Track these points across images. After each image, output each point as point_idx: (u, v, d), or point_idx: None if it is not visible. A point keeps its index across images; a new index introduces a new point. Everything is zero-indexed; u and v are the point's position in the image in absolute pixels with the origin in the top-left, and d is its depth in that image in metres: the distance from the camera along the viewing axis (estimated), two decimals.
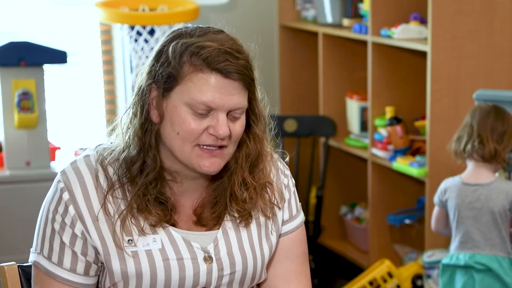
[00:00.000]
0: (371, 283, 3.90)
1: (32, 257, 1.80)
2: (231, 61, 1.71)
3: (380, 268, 3.90)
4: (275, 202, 1.87)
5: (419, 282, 3.88)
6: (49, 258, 1.77)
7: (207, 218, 1.82)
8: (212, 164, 1.75)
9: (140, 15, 4.14)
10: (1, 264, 1.92)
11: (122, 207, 1.76)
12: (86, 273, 1.77)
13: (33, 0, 4.57)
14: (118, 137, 1.81)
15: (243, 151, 1.82)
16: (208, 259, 1.79)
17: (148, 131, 1.75)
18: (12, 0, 4.55)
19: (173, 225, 1.79)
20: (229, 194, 1.81)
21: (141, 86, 1.76)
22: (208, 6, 4.49)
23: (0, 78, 3.96)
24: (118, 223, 1.75)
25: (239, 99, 1.73)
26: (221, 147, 1.74)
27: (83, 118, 4.73)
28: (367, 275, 3.93)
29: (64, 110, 4.67)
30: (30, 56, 3.95)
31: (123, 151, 1.78)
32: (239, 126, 1.76)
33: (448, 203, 3.15)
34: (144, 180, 1.75)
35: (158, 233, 1.77)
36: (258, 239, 1.85)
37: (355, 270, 4.32)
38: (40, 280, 1.80)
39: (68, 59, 4.04)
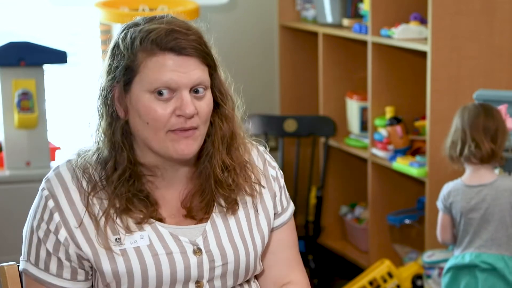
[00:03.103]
0: (371, 283, 3.90)
1: (21, 265, 1.82)
2: (181, 38, 1.72)
3: (380, 268, 3.90)
4: (256, 181, 1.88)
5: (419, 282, 3.88)
6: (36, 264, 1.78)
7: (196, 208, 1.82)
8: (187, 147, 1.74)
9: (140, 15, 4.13)
10: (1, 264, 1.92)
11: (106, 207, 1.76)
12: (74, 278, 1.78)
13: (33, 0, 4.57)
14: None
15: (218, 134, 1.82)
16: (197, 251, 1.79)
17: (117, 130, 1.77)
18: (12, 0, 4.55)
19: (160, 220, 1.79)
20: (214, 181, 1.82)
21: (102, 87, 1.78)
22: (208, 6, 4.49)
23: (0, 78, 3.96)
24: (102, 222, 1.75)
25: (198, 74, 1.73)
26: (191, 129, 1.74)
27: (83, 118, 4.72)
28: (367, 275, 3.93)
29: (64, 110, 4.67)
30: (30, 56, 3.94)
31: (96, 153, 1.79)
32: (205, 104, 1.76)
33: (453, 208, 3.14)
34: (118, 179, 1.76)
35: (145, 230, 1.77)
36: (248, 230, 1.86)
37: (355, 270, 4.32)
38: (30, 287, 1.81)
39: (68, 59, 4.04)
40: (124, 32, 1.77)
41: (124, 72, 1.74)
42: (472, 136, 3.04)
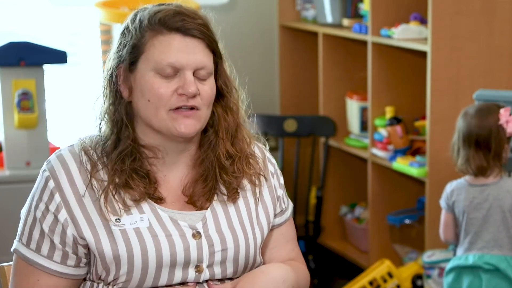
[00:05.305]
0: (371, 283, 3.90)
1: (13, 245, 1.84)
2: (188, 21, 1.78)
3: (380, 268, 3.90)
4: (261, 172, 1.92)
5: (419, 282, 3.88)
6: (27, 245, 1.80)
7: (198, 194, 1.84)
8: (187, 126, 1.78)
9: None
10: (1, 264, 1.92)
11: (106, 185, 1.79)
12: (63, 262, 1.79)
13: (33, 0, 4.57)
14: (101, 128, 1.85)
15: (222, 124, 1.86)
16: (196, 235, 1.81)
17: (120, 109, 1.80)
18: (12, 0, 4.55)
19: (160, 201, 1.81)
20: (218, 167, 1.85)
21: (109, 68, 1.82)
22: (208, 6, 4.48)
23: (0, 78, 3.96)
24: (102, 200, 1.77)
25: (203, 58, 1.78)
26: (192, 108, 1.77)
27: (83, 118, 4.73)
28: (367, 275, 3.93)
29: (64, 110, 4.67)
30: (30, 56, 3.94)
31: (98, 136, 1.83)
32: (208, 87, 1.80)
33: (455, 206, 3.13)
34: (119, 154, 1.78)
35: (145, 213, 1.78)
36: (248, 220, 1.88)
37: (355, 270, 4.32)
38: (19, 268, 1.82)
39: (68, 59, 4.04)
40: (135, 14, 1.82)
41: (131, 51, 1.78)
42: (465, 151, 3.04)
